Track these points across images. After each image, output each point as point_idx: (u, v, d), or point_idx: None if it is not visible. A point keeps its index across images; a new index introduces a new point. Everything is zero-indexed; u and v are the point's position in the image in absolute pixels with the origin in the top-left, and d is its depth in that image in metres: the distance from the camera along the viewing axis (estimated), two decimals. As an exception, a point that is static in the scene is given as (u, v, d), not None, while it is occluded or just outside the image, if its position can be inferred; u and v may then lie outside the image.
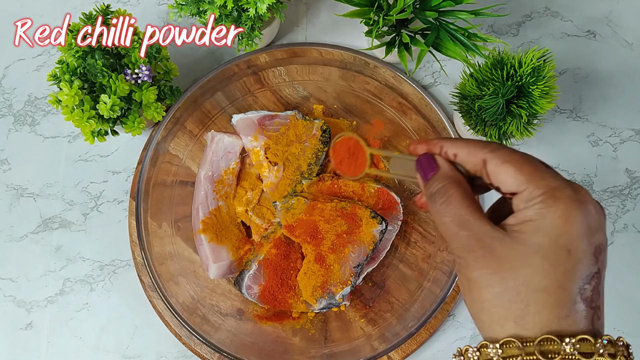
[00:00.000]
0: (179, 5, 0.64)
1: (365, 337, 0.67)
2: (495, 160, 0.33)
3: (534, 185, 0.31)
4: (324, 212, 0.67)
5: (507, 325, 0.30)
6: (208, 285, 0.69)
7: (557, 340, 0.29)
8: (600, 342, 0.29)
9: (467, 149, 0.35)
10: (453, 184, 0.34)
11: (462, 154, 0.35)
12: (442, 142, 0.36)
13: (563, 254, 0.30)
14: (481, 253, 0.31)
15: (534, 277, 0.30)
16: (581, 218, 0.30)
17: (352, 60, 0.73)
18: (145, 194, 0.68)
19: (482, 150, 0.34)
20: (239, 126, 0.72)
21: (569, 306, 0.29)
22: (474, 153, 0.34)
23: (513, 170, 0.32)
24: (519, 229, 0.31)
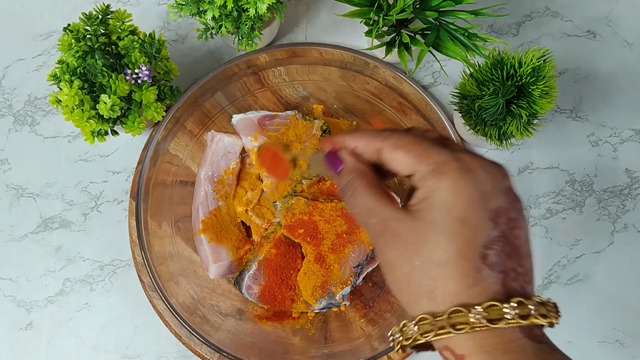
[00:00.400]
0: (179, 5, 0.64)
1: (365, 337, 0.67)
2: (388, 148, 0.34)
3: (422, 164, 0.32)
4: (324, 212, 0.67)
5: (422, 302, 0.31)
6: (208, 285, 0.69)
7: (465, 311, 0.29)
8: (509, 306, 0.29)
9: (364, 140, 0.36)
10: (358, 177, 0.35)
11: (360, 145, 0.36)
12: (343, 137, 0.37)
13: (457, 225, 0.30)
14: (388, 237, 0.32)
15: (436, 252, 0.30)
16: (469, 187, 0.31)
17: (352, 60, 0.73)
18: (145, 194, 0.68)
19: (375, 139, 0.35)
20: (239, 126, 0.72)
21: (474, 275, 0.30)
22: (369, 144, 0.35)
23: (403, 154, 0.33)
24: (417, 208, 0.32)
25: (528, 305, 0.30)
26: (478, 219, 0.30)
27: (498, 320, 0.29)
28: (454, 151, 0.32)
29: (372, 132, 0.36)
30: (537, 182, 0.75)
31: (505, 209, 0.31)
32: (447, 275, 0.30)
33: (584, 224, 0.74)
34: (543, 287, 0.72)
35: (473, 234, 0.30)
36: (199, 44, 0.80)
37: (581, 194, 0.75)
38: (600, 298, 0.72)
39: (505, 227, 0.31)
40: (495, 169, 0.32)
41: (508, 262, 0.31)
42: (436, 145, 0.33)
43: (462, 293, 0.30)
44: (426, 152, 0.32)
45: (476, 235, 0.30)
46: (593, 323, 0.71)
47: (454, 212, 0.30)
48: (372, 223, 0.33)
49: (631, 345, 0.71)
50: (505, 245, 0.31)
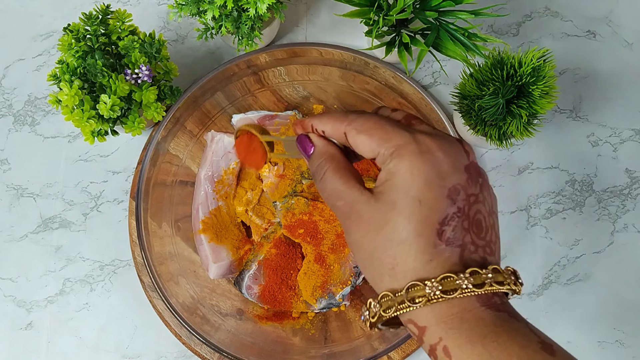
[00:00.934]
0: (179, 5, 0.64)
1: (365, 337, 0.67)
2: (352, 132, 0.35)
3: (383, 147, 0.33)
4: (324, 212, 0.67)
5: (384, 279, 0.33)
6: (208, 285, 0.69)
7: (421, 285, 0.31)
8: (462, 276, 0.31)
9: (331, 124, 0.37)
10: (327, 160, 0.36)
11: (328, 129, 0.37)
12: (312, 120, 0.38)
13: (414, 204, 0.31)
14: (354, 218, 0.34)
15: (395, 231, 0.32)
16: (426, 167, 0.32)
17: (352, 60, 0.73)
18: (145, 194, 0.68)
19: (341, 124, 0.36)
20: (239, 126, 0.72)
21: (431, 250, 0.31)
22: (336, 128, 0.36)
23: (365, 138, 0.34)
24: (380, 190, 0.33)
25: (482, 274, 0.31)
26: (435, 198, 0.31)
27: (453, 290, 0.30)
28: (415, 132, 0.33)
29: (338, 115, 0.36)
30: (537, 182, 0.75)
31: (463, 186, 0.32)
32: (405, 253, 0.31)
33: (584, 224, 0.74)
34: (543, 287, 0.72)
35: (429, 212, 0.31)
36: (199, 44, 0.80)
37: (581, 194, 0.75)
38: (600, 298, 0.72)
39: (464, 203, 0.32)
40: (454, 149, 0.33)
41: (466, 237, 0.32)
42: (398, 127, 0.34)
43: (420, 269, 0.31)
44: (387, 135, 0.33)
45: (432, 213, 0.31)
46: (593, 323, 0.71)
47: (411, 192, 0.31)
48: (340, 206, 0.35)
49: (631, 345, 0.71)
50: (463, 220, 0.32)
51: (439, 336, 0.31)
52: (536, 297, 0.72)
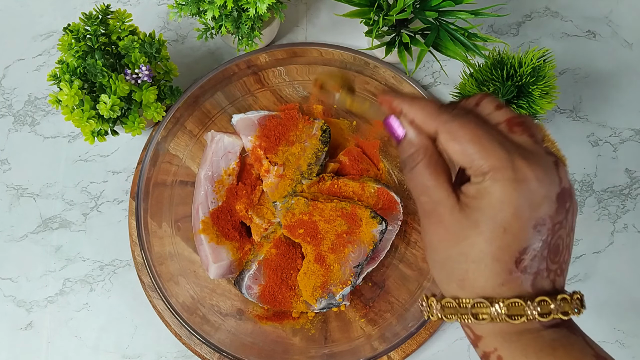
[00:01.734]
0: (179, 5, 0.64)
1: (365, 337, 0.67)
2: (445, 136, 0.33)
3: (477, 164, 0.32)
4: (324, 212, 0.67)
5: (451, 285, 0.34)
6: (208, 285, 0.69)
7: (487, 304, 0.32)
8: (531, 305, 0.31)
9: (421, 116, 0.35)
10: (420, 151, 0.35)
11: (418, 120, 0.35)
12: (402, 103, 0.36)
13: (498, 231, 0.31)
14: (434, 220, 0.34)
15: (471, 249, 0.32)
16: (518, 198, 0.31)
17: (352, 60, 0.73)
18: (145, 194, 0.68)
19: (434, 120, 0.34)
20: (239, 126, 0.72)
21: (504, 276, 0.31)
22: (427, 122, 0.34)
23: (459, 149, 0.33)
24: (467, 202, 0.33)
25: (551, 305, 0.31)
26: (520, 228, 0.31)
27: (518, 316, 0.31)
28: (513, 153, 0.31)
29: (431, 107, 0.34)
30: (537, 182, 0.75)
31: (551, 216, 0.32)
32: (478, 271, 0.32)
33: (584, 224, 0.74)
34: (543, 287, 0.72)
35: (511, 240, 0.31)
36: (199, 44, 0.80)
37: (581, 194, 0.75)
38: (600, 298, 0.72)
39: (548, 233, 0.32)
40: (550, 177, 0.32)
41: (542, 264, 0.32)
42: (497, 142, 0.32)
43: (490, 288, 0.32)
44: (484, 152, 0.31)
45: (514, 242, 0.31)
46: (593, 323, 0.71)
47: (498, 219, 0.31)
48: (423, 201, 0.34)
49: (631, 345, 0.71)
50: (543, 249, 0.32)
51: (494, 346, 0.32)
52: (536, 297, 0.72)
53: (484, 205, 0.31)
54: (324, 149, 0.70)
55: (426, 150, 0.35)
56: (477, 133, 0.32)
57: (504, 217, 0.31)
